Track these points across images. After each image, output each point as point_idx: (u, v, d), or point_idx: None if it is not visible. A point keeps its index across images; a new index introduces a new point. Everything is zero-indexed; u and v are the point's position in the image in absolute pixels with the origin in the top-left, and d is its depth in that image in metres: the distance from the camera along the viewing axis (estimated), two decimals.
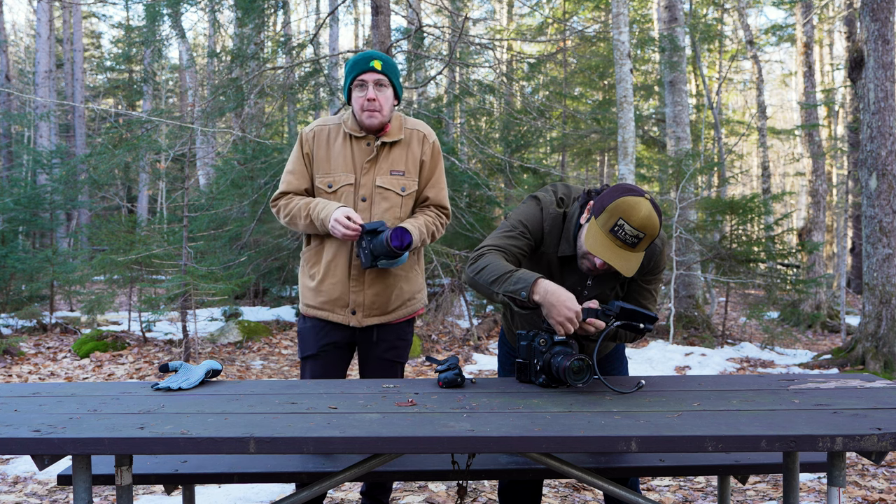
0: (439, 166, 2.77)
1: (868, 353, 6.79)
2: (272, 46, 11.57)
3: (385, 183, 2.66)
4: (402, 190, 2.67)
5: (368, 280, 2.65)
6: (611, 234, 2.10)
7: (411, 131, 2.72)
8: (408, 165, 2.69)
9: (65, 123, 21.49)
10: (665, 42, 11.05)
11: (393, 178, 2.67)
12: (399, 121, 2.74)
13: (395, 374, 2.78)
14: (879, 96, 6.83)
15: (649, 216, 2.07)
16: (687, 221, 9.74)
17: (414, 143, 2.71)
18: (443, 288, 9.39)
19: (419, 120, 2.81)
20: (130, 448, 1.69)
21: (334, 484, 1.99)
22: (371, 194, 2.65)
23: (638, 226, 2.07)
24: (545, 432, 1.68)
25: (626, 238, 2.09)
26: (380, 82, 2.63)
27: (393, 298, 2.69)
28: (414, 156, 2.70)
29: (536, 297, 2.10)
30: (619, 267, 2.11)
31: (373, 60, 2.63)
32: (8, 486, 3.84)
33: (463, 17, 9.31)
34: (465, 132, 11.16)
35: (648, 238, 2.11)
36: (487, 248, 2.27)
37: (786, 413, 1.85)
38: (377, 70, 2.62)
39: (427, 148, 2.72)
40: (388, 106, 2.65)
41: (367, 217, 2.64)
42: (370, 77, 2.62)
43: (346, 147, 2.68)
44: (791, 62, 24.87)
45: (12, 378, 6.34)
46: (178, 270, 7.33)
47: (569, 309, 2.06)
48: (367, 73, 2.62)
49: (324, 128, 2.73)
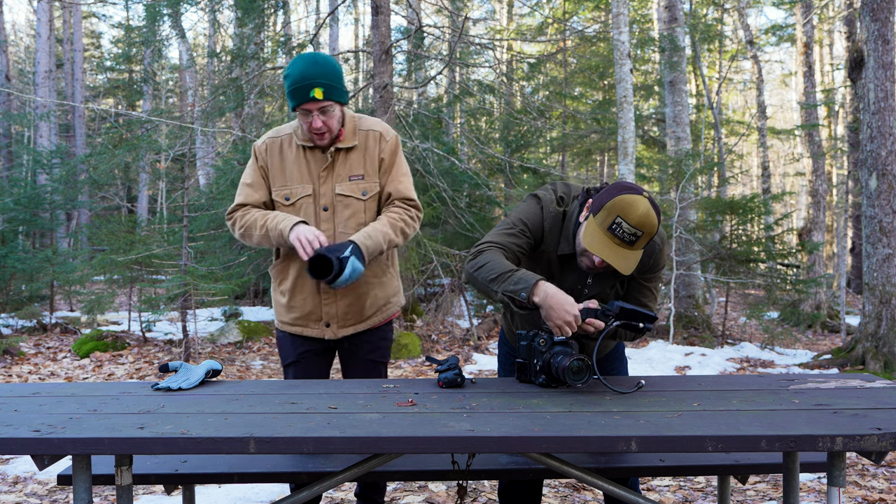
0: (397, 160, 2.62)
1: (868, 353, 6.79)
2: (272, 46, 11.56)
3: (345, 190, 2.55)
4: (363, 194, 2.56)
5: (340, 291, 2.56)
6: (609, 232, 2.10)
7: (366, 133, 2.59)
8: (366, 168, 2.57)
9: (65, 123, 21.49)
10: (665, 42, 11.05)
11: (352, 184, 2.55)
12: (353, 123, 2.59)
13: (379, 373, 2.73)
14: (879, 96, 6.82)
15: (647, 214, 2.07)
16: (687, 221, 9.74)
17: (370, 143, 2.58)
18: (443, 288, 9.39)
19: (375, 118, 2.67)
20: (130, 448, 1.69)
21: (334, 484, 1.99)
22: (332, 203, 2.55)
23: (636, 224, 2.07)
24: (545, 432, 1.68)
25: (623, 236, 2.09)
26: (324, 109, 2.45)
27: (367, 306, 2.62)
28: (372, 157, 2.57)
29: (536, 299, 2.10)
30: (618, 265, 2.11)
31: (313, 90, 2.41)
32: (8, 486, 3.84)
33: (463, 17, 9.31)
34: (465, 132, 11.16)
35: (647, 236, 2.11)
36: (488, 245, 2.27)
37: (786, 413, 1.85)
38: (319, 100, 2.43)
39: (385, 145, 2.59)
40: (336, 120, 2.50)
41: (331, 227, 2.55)
42: (313, 107, 2.44)
43: (300, 157, 2.56)
44: (791, 62, 24.88)
45: (12, 378, 6.34)
46: (178, 270, 7.33)
47: (567, 312, 2.06)
48: (309, 104, 2.43)
49: (275, 139, 2.60)
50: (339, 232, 2.56)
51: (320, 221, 2.56)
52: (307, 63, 2.44)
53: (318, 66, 2.44)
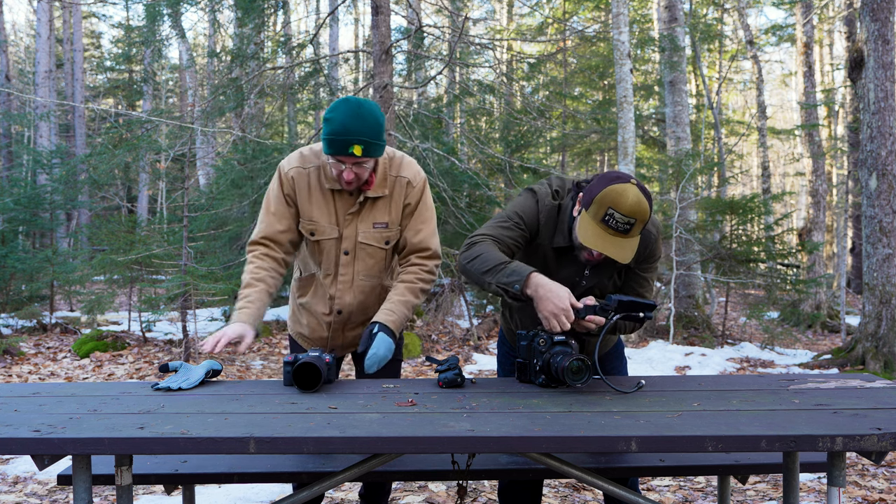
0: (420, 206, 2.52)
1: (868, 353, 6.79)
2: (272, 46, 11.57)
3: (368, 239, 2.50)
4: (385, 244, 2.52)
5: (347, 328, 2.61)
6: (602, 224, 2.12)
7: (395, 179, 2.49)
8: (391, 216, 2.50)
9: (65, 123, 21.49)
10: (665, 42, 11.05)
11: (376, 232, 2.50)
12: (384, 170, 2.48)
13: (394, 372, 2.75)
14: (879, 96, 6.82)
15: (638, 202, 2.08)
16: (687, 221, 9.74)
17: (397, 190, 2.50)
18: (443, 288, 9.39)
19: (409, 160, 2.56)
20: (130, 448, 1.69)
21: (334, 484, 1.99)
22: (354, 249, 2.51)
23: (628, 212, 2.08)
24: (545, 432, 1.68)
25: (617, 226, 2.10)
26: (360, 163, 2.35)
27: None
28: (397, 204, 2.51)
29: (529, 291, 2.11)
30: (616, 255, 2.12)
31: (352, 146, 2.28)
32: (8, 486, 3.84)
33: (463, 17, 9.31)
34: (465, 132, 11.16)
35: (640, 223, 2.11)
36: (482, 237, 2.27)
37: (786, 413, 1.85)
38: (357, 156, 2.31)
39: (411, 191, 2.50)
40: (368, 171, 2.41)
41: (351, 272, 2.52)
42: (349, 160, 2.33)
43: (328, 197, 2.48)
44: (791, 62, 24.87)
45: (12, 378, 6.34)
46: (178, 270, 7.33)
47: (557, 304, 2.06)
48: (346, 158, 2.33)
49: (303, 172, 2.49)
50: (358, 278, 2.54)
51: (340, 265, 2.52)
52: (351, 115, 2.29)
53: (361, 121, 2.29)
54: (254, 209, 9.00)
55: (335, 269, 2.53)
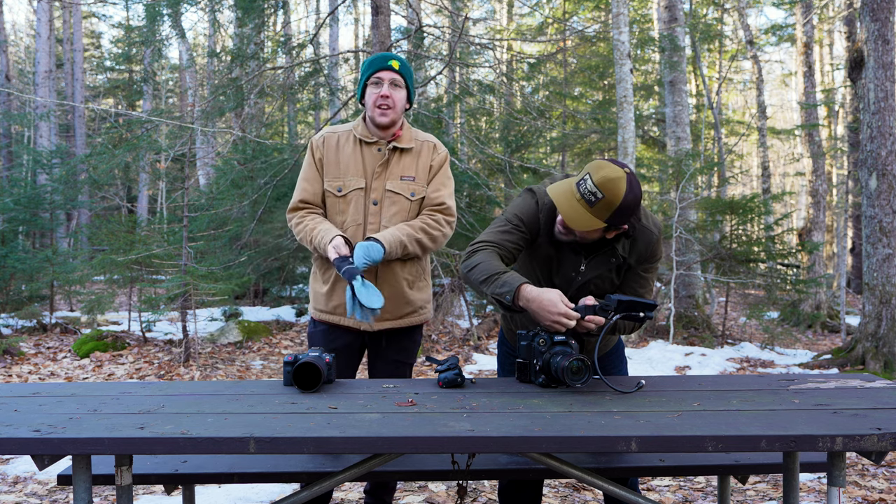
0: (444, 171, 2.77)
1: (868, 353, 6.79)
2: (272, 46, 11.57)
3: (395, 187, 2.68)
4: (411, 195, 2.69)
5: (380, 283, 2.65)
6: (575, 187, 2.15)
7: (422, 142, 2.77)
8: (418, 172, 2.72)
9: (65, 123, 21.49)
10: (665, 42, 11.05)
11: (403, 183, 2.69)
12: (410, 131, 2.78)
13: (404, 373, 2.81)
14: (879, 96, 6.82)
15: (613, 179, 2.09)
16: (687, 221, 9.74)
17: (424, 151, 2.75)
18: (443, 288, 9.39)
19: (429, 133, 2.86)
20: (130, 448, 1.69)
21: (334, 484, 1.99)
22: (381, 198, 2.68)
23: (597, 182, 2.10)
24: (545, 432, 1.68)
25: (585, 194, 2.12)
26: (395, 82, 2.68)
27: (403, 304, 2.71)
28: (424, 163, 2.73)
29: (521, 303, 2.14)
30: (567, 216, 2.14)
31: (391, 60, 2.69)
32: (8, 486, 3.84)
33: (463, 17, 9.31)
34: (465, 132, 11.16)
35: (607, 202, 2.11)
36: (481, 245, 2.29)
37: (786, 413, 1.85)
38: (394, 69, 2.68)
39: (436, 156, 2.76)
40: (401, 106, 2.70)
41: (378, 220, 2.66)
42: (386, 75, 2.67)
43: (356, 152, 2.71)
44: (791, 62, 24.87)
45: (12, 378, 6.34)
46: (178, 270, 7.33)
47: (552, 311, 2.08)
48: (384, 72, 2.68)
49: (333, 134, 2.77)
50: (383, 226, 2.67)
51: (368, 214, 2.68)
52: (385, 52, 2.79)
53: (398, 56, 2.74)
54: (254, 209, 9.00)
55: (364, 219, 2.67)
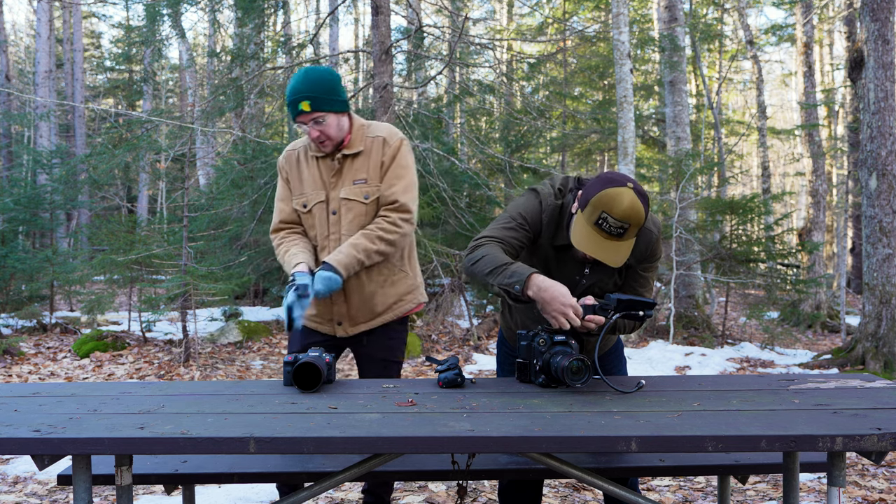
0: (395, 163, 2.67)
1: (868, 353, 6.78)
2: (272, 46, 11.57)
3: (349, 194, 2.65)
4: (365, 198, 2.65)
5: (348, 292, 2.65)
6: (596, 227, 2.12)
7: (372, 139, 2.68)
8: (370, 173, 2.66)
9: (65, 123, 21.49)
10: (665, 42, 11.05)
11: (356, 188, 2.65)
12: (361, 130, 2.69)
13: (392, 372, 2.77)
14: (879, 96, 6.82)
15: (632, 206, 2.08)
16: (687, 221, 9.74)
17: (374, 149, 2.67)
18: (443, 288, 9.38)
19: (387, 124, 2.77)
20: (130, 448, 1.69)
21: (334, 484, 1.99)
22: (339, 207, 2.67)
23: (621, 216, 2.08)
24: (545, 432, 1.67)
25: (610, 230, 2.10)
26: (316, 119, 2.58)
27: (377, 304, 2.70)
28: (375, 162, 2.67)
29: (530, 292, 2.12)
30: (607, 259, 2.13)
31: (301, 103, 2.56)
32: (8, 486, 3.84)
33: (463, 17, 9.31)
34: (465, 132, 11.17)
35: (634, 227, 2.11)
36: (486, 239, 2.29)
37: (786, 413, 1.85)
38: (306, 112, 2.56)
39: (387, 150, 2.67)
40: (336, 128, 2.61)
41: (338, 230, 2.66)
42: (304, 119, 2.59)
43: (313, 166, 2.71)
44: (791, 62, 24.87)
45: (12, 378, 6.34)
46: (178, 270, 7.33)
47: (563, 302, 2.07)
48: (301, 117, 2.58)
49: (293, 152, 2.77)
50: (343, 235, 2.65)
51: (330, 225, 2.68)
52: (298, 79, 2.59)
53: (306, 81, 2.57)
54: (254, 209, 9.00)
55: (327, 230, 2.69)
